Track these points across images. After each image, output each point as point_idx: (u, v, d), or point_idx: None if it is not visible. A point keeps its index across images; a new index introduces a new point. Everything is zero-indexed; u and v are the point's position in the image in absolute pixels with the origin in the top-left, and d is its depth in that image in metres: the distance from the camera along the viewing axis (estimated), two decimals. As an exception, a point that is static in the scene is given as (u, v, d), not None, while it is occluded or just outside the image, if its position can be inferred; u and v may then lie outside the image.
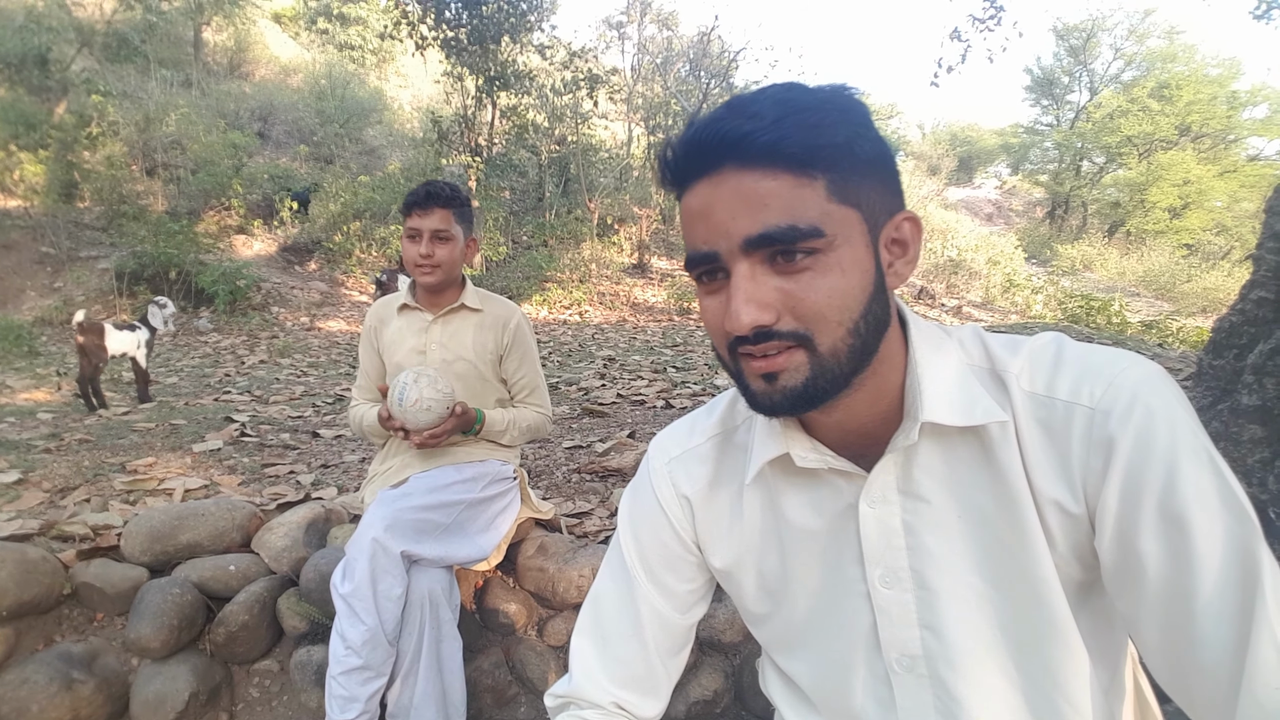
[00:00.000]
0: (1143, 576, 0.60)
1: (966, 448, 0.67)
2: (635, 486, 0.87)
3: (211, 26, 18.33)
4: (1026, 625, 0.66)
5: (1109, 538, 0.61)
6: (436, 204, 1.93)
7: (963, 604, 0.67)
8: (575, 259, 14.31)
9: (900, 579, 0.70)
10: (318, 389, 5.73)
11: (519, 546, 2.21)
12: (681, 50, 21.23)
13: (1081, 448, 0.62)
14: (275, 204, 13.36)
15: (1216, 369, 2.14)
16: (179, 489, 2.76)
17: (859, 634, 0.73)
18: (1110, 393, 0.61)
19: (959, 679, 0.68)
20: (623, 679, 0.82)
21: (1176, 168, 21.94)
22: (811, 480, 0.73)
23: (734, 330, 0.61)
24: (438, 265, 1.96)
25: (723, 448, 0.81)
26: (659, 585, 0.83)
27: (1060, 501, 0.63)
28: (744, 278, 0.61)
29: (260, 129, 16.21)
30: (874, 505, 0.69)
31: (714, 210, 0.61)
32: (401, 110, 20.18)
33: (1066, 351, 0.66)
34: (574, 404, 4.55)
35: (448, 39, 12.64)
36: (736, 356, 0.64)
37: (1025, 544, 0.65)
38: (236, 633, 2.06)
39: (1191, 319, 13.27)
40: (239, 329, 9.96)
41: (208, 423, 4.07)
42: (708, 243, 0.62)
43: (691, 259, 0.64)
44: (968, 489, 0.67)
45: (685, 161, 0.62)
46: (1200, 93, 22.43)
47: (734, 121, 0.59)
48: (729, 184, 0.60)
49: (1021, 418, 0.65)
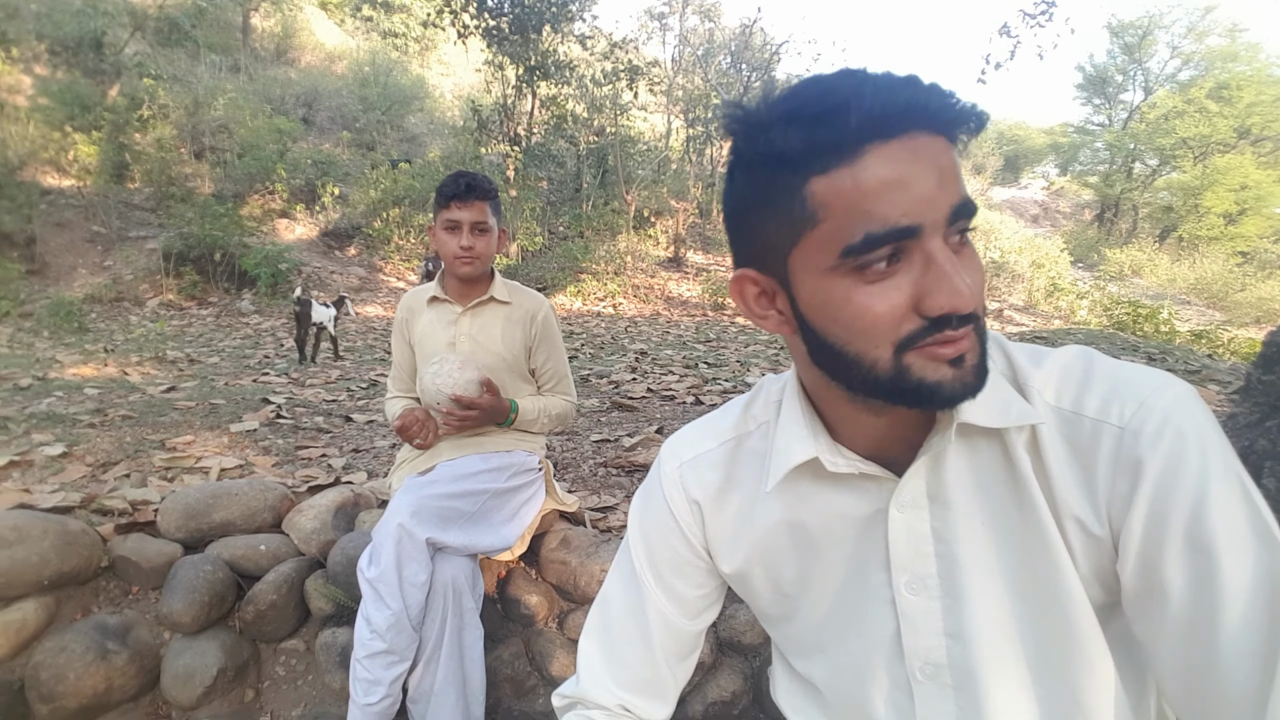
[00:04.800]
0: (1165, 603, 0.57)
1: (991, 453, 0.65)
2: (646, 490, 0.85)
3: (260, 13, 18.68)
4: (1049, 638, 0.64)
5: (1132, 562, 0.59)
6: (476, 196, 1.93)
7: (989, 613, 0.66)
8: (611, 251, 14.34)
9: (927, 586, 0.68)
10: (353, 373, 5.82)
11: (542, 539, 2.22)
12: (723, 42, 21.12)
13: (1108, 468, 0.60)
14: (317, 189, 13.60)
15: (1266, 384, 2.07)
16: (215, 467, 2.82)
17: (881, 640, 0.71)
18: (1141, 413, 0.59)
19: (983, 690, 0.66)
20: (629, 683, 0.81)
21: (1234, 172, 21.23)
22: (837, 485, 0.71)
23: (960, 308, 0.55)
24: (477, 257, 1.97)
25: (735, 453, 0.79)
26: (668, 590, 0.82)
27: (1082, 520, 0.61)
28: (947, 252, 0.56)
29: (305, 115, 16.49)
30: (903, 510, 0.68)
31: (915, 178, 0.54)
32: (443, 98, 20.38)
33: (1096, 367, 0.64)
34: (604, 397, 4.56)
35: (489, 28, 12.73)
36: (904, 355, 0.58)
37: (1048, 555, 0.63)
38: (265, 611, 2.10)
39: (1244, 329, 12.87)
40: (279, 311, 10.16)
41: (245, 403, 4.16)
42: (909, 214, 0.54)
43: (880, 236, 0.55)
44: (992, 496, 0.65)
45: (870, 124, 0.54)
46: (1263, 94, 21.64)
47: (926, 91, 0.54)
48: (926, 150, 0.55)
49: (1044, 431, 0.63)
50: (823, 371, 0.65)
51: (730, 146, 0.62)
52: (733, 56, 20.34)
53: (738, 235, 0.66)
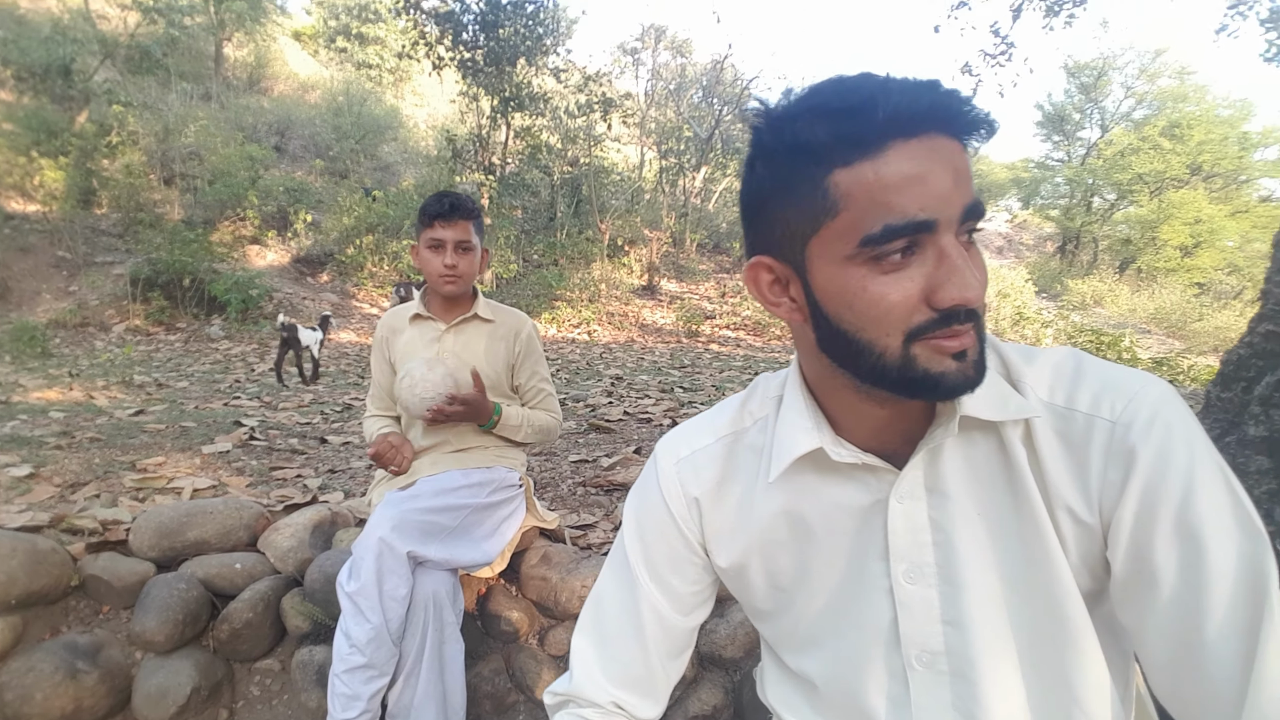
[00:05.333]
0: (1154, 589, 0.61)
1: (987, 445, 0.68)
2: (642, 487, 0.86)
3: (233, 42, 18.69)
4: (1042, 624, 0.67)
5: (1123, 549, 0.62)
6: (460, 215, 1.96)
7: (985, 601, 0.68)
8: (585, 278, 14.42)
9: (925, 574, 0.70)
10: (326, 397, 5.77)
11: (523, 555, 2.22)
12: (695, 77, 21.51)
13: (1100, 459, 0.63)
14: (289, 215, 13.53)
15: (1225, 401, 2.16)
16: (188, 488, 2.78)
17: (878, 630, 0.73)
18: (1131, 407, 0.63)
19: (979, 675, 0.68)
20: (622, 679, 0.82)
21: (1188, 206, 21.96)
22: (836, 477, 0.73)
23: (970, 301, 0.59)
24: (461, 275, 1.99)
25: (733, 448, 0.81)
26: (662, 586, 0.82)
27: (1074, 509, 0.64)
28: (959, 248, 0.59)
29: (277, 143, 16.47)
30: (903, 501, 0.70)
31: (933, 176, 0.57)
32: (416, 128, 20.47)
33: (1086, 366, 0.67)
34: (580, 420, 4.57)
35: (464, 60, 12.87)
36: (912, 345, 0.61)
37: (1042, 544, 0.65)
38: (240, 630, 2.07)
39: (1203, 357, 13.22)
40: (250, 337, 10.04)
41: (217, 426, 4.10)
42: (926, 209, 0.57)
43: (899, 228, 0.58)
44: (988, 487, 0.68)
45: (895, 122, 0.57)
46: (1211, 133, 22.50)
47: (947, 94, 0.58)
48: (943, 150, 0.58)
49: (1038, 425, 0.66)
50: (831, 360, 0.67)
51: (752, 139, 0.65)
52: (704, 91, 20.72)
53: (755, 224, 0.68)
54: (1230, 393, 2.15)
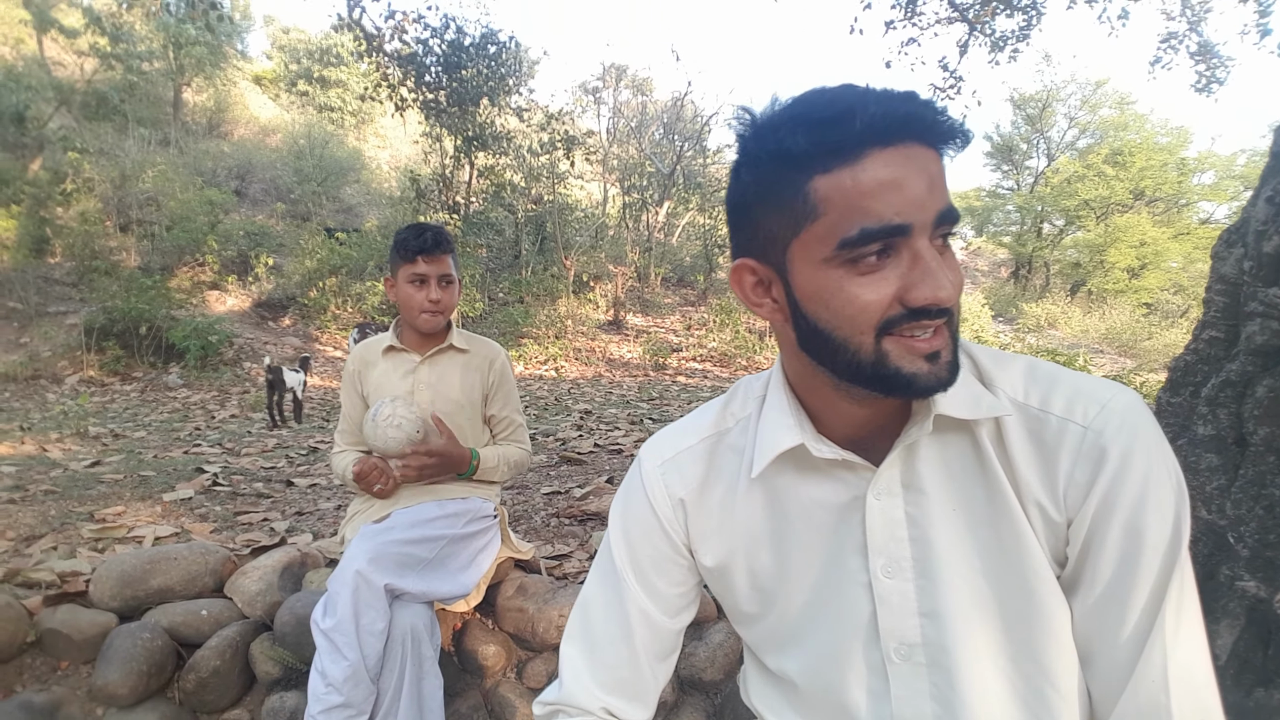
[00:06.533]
0: (1095, 579, 0.66)
1: (962, 443, 0.71)
2: (626, 490, 0.87)
3: (192, 87, 18.60)
4: (1017, 613, 0.69)
5: (1080, 543, 0.67)
6: (442, 249, 1.96)
7: (961, 593, 0.70)
8: (551, 315, 14.43)
9: (902, 569, 0.72)
10: (291, 441, 5.66)
11: (498, 588, 2.20)
12: (655, 114, 21.91)
13: (1070, 460, 0.67)
14: (250, 260, 13.38)
15: (1174, 406, 2.23)
16: (149, 536, 2.70)
17: (857, 625, 0.74)
18: (1103, 415, 0.66)
19: (956, 665, 0.70)
20: (611, 684, 0.82)
21: (1133, 230, 22.79)
22: (816, 474, 0.75)
23: (942, 301, 0.61)
24: (444, 310, 2.00)
25: (715, 449, 0.83)
26: (648, 588, 0.83)
27: (1043, 505, 0.68)
28: (933, 251, 0.62)
29: (237, 187, 16.34)
30: (880, 497, 0.72)
31: (909, 182, 0.60)
32: (379, 169, 20.48)
33: (1059, 372, 0.71)
34: (552, 453, 4.55)
35: (427, 101, 12.93)
36: (882, 340, 0.63)
37: (1017, 537, 0.68)
38: (207, 679, 2.00)
39: (1154, 374, 13.61)
40: (209, 384, 9.84)
41: (178, 473, 4.00)
42: (901, 214, 0.60)
43: (874, 231, 0.60)
44: (962, 484, 0.71)
45: (872, 130, 0.60)
46: (1152, 159, 23.47)
47: (924, 105, 0.61)
48: (919, 159, 0.61)
49: (1009, 424, 0.69)
50: (810, 358, 0.70)
51: (738, 146, 0.68)
52: (665, 127, 21.11)
53: (740, 227, 0.71)
54: (1179, 397, 2.23)
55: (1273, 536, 1.24)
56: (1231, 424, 1.44)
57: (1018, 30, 6.87)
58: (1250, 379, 1.39)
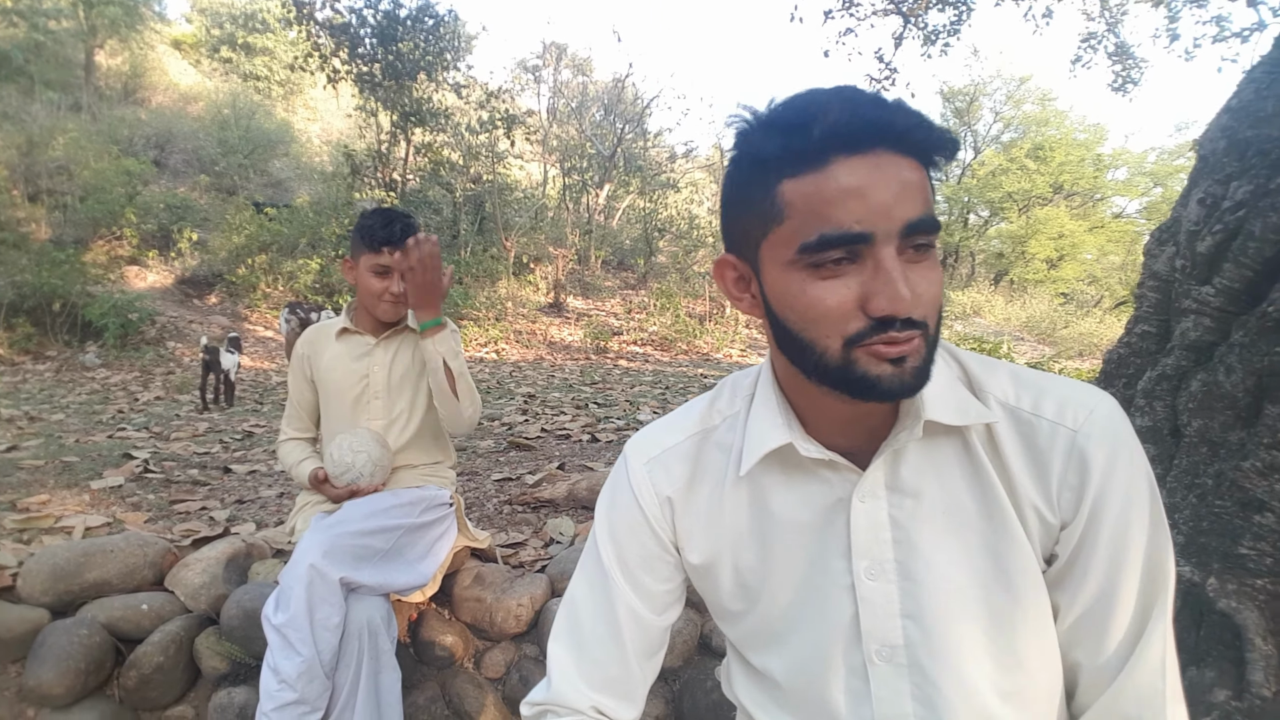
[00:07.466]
0: (1085, 578, 0.70)
1: (950, 448, 0.73)
2: (613, 488, 0.87)
3: (105, 50, 17.48)
4: (999, 614, 0.71)
5: (1072, 544, 0.70)
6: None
7: (943, 595, 0.71)
8: (491, 297, 14.23)
9: (885, 571, 0.73)
10: (224, 425, 5.45)
11: (454, 577, 2.18)
12: (596, 95, 21.70)
13: (1062, 463, 0.70)
14: (172, 234, 12.74)
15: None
16: (79, 526, 2.58)
17: (839, 626, 0.75)
18: (1091, 419, 0.70)
19: (938, 666, 0.72)
20: (600, 682, 0.82)
21: (1052, 222, 23.80)
22: (802, 475, 0.76)
23: (899, 313, 0.61)
24: (404, 301, 1.95)
25: (702, 446, 0.83)
26: (636, 585, 0.83)
27: (1039, 507, 0.70)
28: (897, 261, 0.61)
29: (156, 157, 15.49)
30: (864, 500, 0.73)
31: (874, 190, 0.60)
32: (310, 143, 19.71)
33: (1045, 378, 0.74)
34: (499, 438, 4.51)
35: (361, 74, 12.50)
36: (852, 349, 0.64)
37: (1006, 539, 0.70)
38: (150, 675, 1.94)
39: (1071, 361, 14.30)
40: (131, 364, 9.36)
41: (104, 460, 3.81)
42: (862, 222, 0.60)
43: (834, 238, 0.61)
44: (950, 487, 0.72)
45: (841, 138, 0.60)
46: (1070, 155, 24.49)
47: (899, 114, 0.60)
48: (889, 168, 0.60)
49: (1000, 428, 0.72)
50: (785, 357, 0.71)
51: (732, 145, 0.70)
52: (606, 109, 20.92)
53: (725, 224, 0.73)
54: (1113, 388, 2.35)
55: (1205, 524, 1.33)
56: (1167, 415, 1.53)
57: (949, 25, 7.04)
58: (1184, 373, 1.49)
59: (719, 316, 15.50)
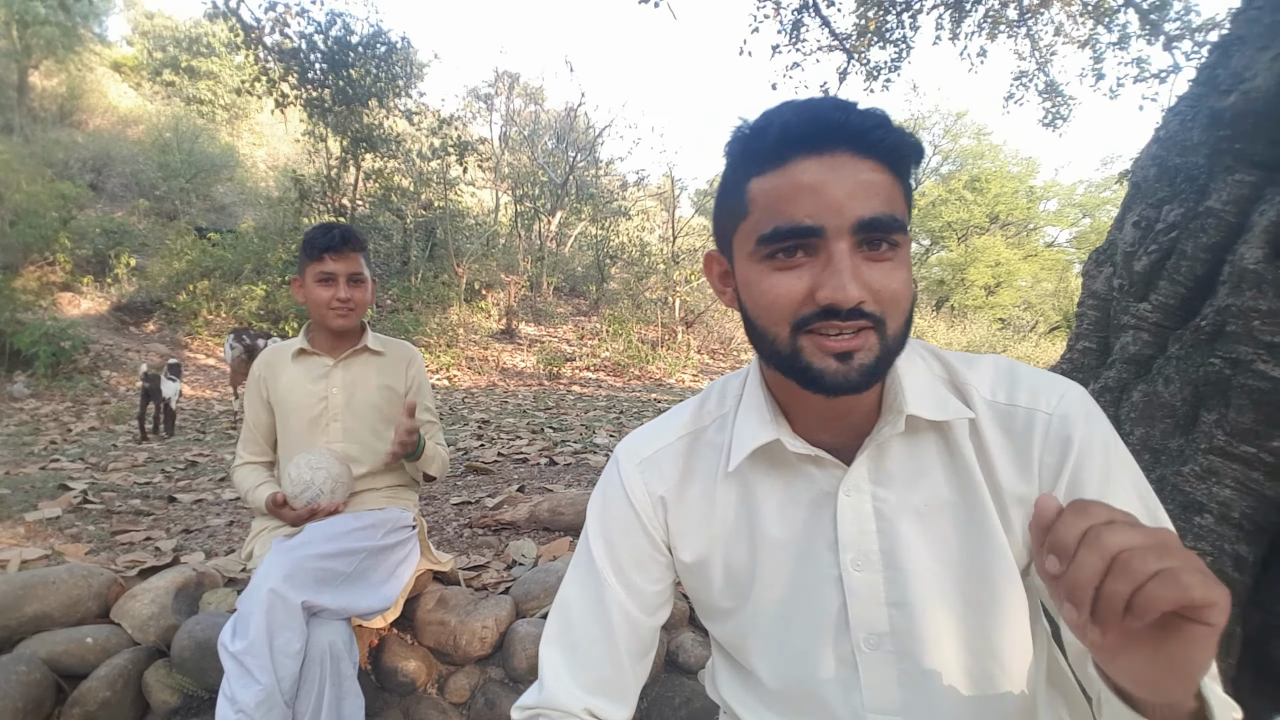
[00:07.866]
0: None
1: (932, 442, 0.76)
2: (605, 490, 0.88)
3: (40, 71, 16.96)
4: (978, 600, 0.74)
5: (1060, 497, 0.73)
6: (351, 247, 1.91)
7: (925, 582, 0.74)
8: (442, 323, 14.11)
9: (871, 561, 0.76)
10: (164, 455, 5.26)
11: (417, 601, 2.14)
12: (548, 124, 21.85)
13: (1041, 445, 0.73)
14: (109, 259, 12.33)
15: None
16: (15, 559, 2.45)
17: (827, 617, 0.78)
18: (1064, 402, 0.74)
19: (923, 651, 0.74)
20: (593, 684, 0.82)
21: (989, 251, 24.76)
22: (789, 471, 0.79)
23: (841, 302, 0.64)
24: (354, 308, 1.94)
25: (693, 446, 0.85)
26: (628, 585, 0.84)
27: (1022, 496, 0.74)
28: (848, 256, 0.65)
29: (93, 180, 15.05)
30: (850, 494, 0.76)
31: (828, 188, 0.64)
32: (255, 168, 19.35)
33: (1019, 369, 0.78)
34: (456, 463, 4.46)
35: (311, 99, 12.35)
36: (798, 335, 0.67)
37: (983, 531, 0.74)
38: (95, 712, 1.85)
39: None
40: (63, 394, 8.99)
41: (38, 491, 3.64)
42: (813, 217, 0.64)
43: (786, 231, 0.65)
44: (931, 479, 0.75)
45: (797, 138, 0.65)
46: (1005, 186, 25.59)
47: (856, 115, 0.64)
48: (847, 168, 0.64)
49: (983, 422, 0.75)
50: (754, 348, 0.76)
51: None
52: (558, 137, 21.07)
53: (714, 223, 0.79)
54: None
55: (1150, 524, 1.40)
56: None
57: (890, 61, 7.33)
58: (1125, 385, 1.57)
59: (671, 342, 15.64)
